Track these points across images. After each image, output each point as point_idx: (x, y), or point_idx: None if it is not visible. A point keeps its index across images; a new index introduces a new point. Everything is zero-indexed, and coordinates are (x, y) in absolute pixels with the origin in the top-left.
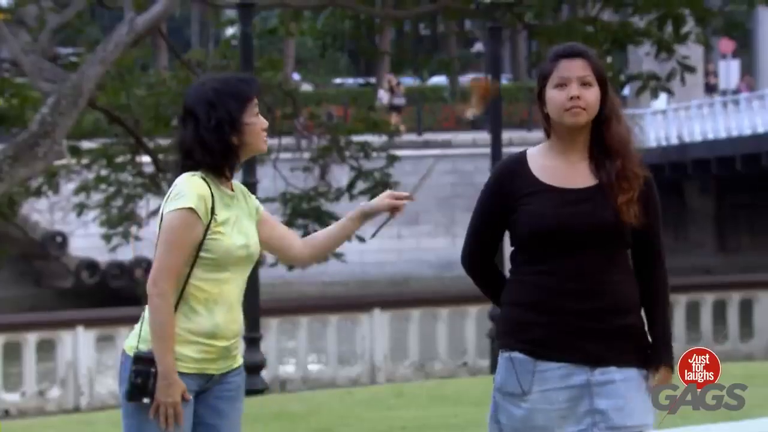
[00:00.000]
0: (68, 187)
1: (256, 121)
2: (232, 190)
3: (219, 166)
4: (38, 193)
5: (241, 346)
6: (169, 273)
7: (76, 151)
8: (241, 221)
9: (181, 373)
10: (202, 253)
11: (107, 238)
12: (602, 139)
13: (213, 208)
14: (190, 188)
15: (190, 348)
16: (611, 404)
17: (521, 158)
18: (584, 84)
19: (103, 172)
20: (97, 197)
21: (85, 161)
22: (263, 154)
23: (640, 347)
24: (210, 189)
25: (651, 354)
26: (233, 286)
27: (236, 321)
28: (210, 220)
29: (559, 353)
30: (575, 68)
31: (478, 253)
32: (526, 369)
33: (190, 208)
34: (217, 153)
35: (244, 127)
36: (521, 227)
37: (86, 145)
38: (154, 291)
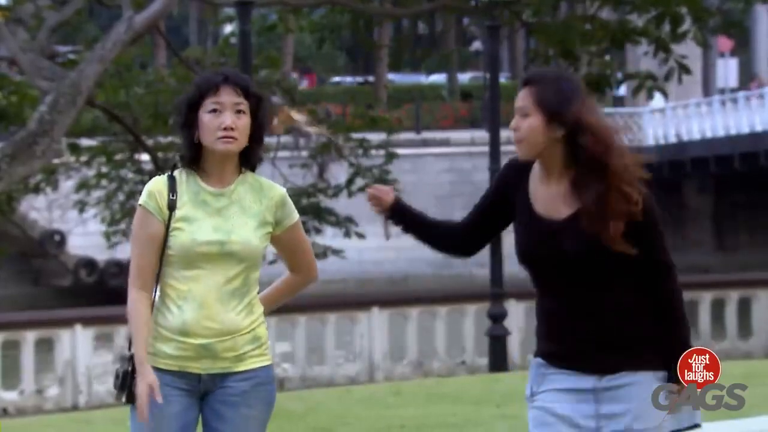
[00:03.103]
0: (67, 185)
1: (209, 118)
2: (226, 186)
3: (190, 164)
4: (37, 189)
5: (251, 350)
6: (133, 271)
7: (75, 149)
8: (229, 218)
9: (162, 370)
10: (167, 250)
11: (107, 235)
12: (577, 161)
13: (173, 204)
14: (146, 186)
15: (167, 345)
16: (618, 408)
17: (525, 168)
18: (523, 115)
19: (103, 170)
20: (97, 194)
21: (84, 158)
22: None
23: (650, 350)
24: (172, 185)
25: (670, 362)
26: (208, 283)
27: (214, 319)
28: (169, 216)
29: (569, 363)
30: (517, 99)
31: (465, 223)
32: (539, 372)
33: (140, 204)
34: (185, 150)
35: (199, 123)
36: (515, 249)
37: (85, 143)
38: (128, 291)
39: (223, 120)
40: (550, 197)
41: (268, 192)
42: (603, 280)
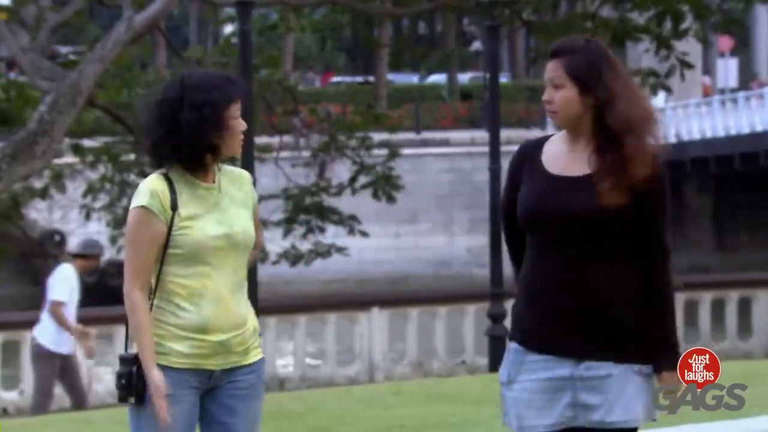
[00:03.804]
0: (69, 186)
1: (235, 123)
2: (214, 181)
3: (191, 163)
4: (44, 194)
5: (253, 342)
6: (134, 272)
7: (79, 150)
8: (226, 210)
9: (174, 369)
10: (170, 250)
11: (113, 239)
12: (604, 125)
13: (175, 204)
14: (145, 186)
15: (181, 344)
16: (593, 399)
17: (540, 142)
18: (555, 86)
19: (108, 173)
20: (101, 195)
21: (90, 158)
22: (265, 152)
23: (631, 341)
24: (170, 184)
25: (653, 355)
26: (219, 278)
27: (231, 313)
28: (173, 216)
29: (544, 345)
30: (547, 71)
31: (507, 221)
32: (517, 359)
33: (143, 206)
34: (192, 150)
35: (227, 127)
36: (518, 211)
37: (88, 143)
38: (125, 292)
39: (242, 124)
40: (572, 158)
41: (240, 177)
42: (602, 252)
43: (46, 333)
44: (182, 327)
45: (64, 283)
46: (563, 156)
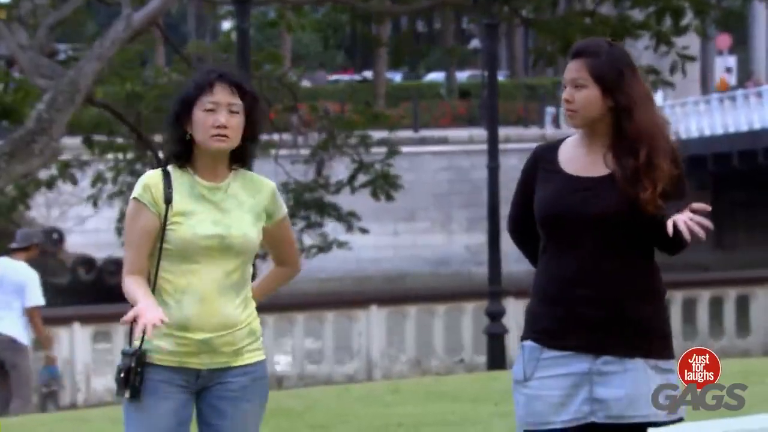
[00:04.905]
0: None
1: (203, 115)
2: (220, 181)
3: (178, 159)
4: (50, 185)
5: (249, 344)
6: (127, 264)
7: (89, 143)
8: (227, 212)
9: (160, 366)
10: (164, 245)
11: (120, 231)
12: (622, 131)
13: (169, 197)
14: (141, 179)
15: (164, 341)
16: (611, 393)
17: (556, 144)
18: (576, 86)
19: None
20: (107, 187)
21: (97, 152)
22: (266, 149)
23: (649, 337)
24: (167, 179)
25: (670, 350)
26: (206, 277)
27: (216, 313)
28: (166, 210)
29: (562, 341)
30: (570, 70)
31: (518, 221)
32: (533, 356)
33: (134, 198)
34: (174, 146)
35: (191, 119)
36: (535, 212)
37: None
38: (122, 282)
39: (217, 118)
40: (589, 159)
41: (260, 186)
42: (620, 250)
43: (17, 326)
44: (165, 324)
45: (39, 286)
46: (581, 158)
